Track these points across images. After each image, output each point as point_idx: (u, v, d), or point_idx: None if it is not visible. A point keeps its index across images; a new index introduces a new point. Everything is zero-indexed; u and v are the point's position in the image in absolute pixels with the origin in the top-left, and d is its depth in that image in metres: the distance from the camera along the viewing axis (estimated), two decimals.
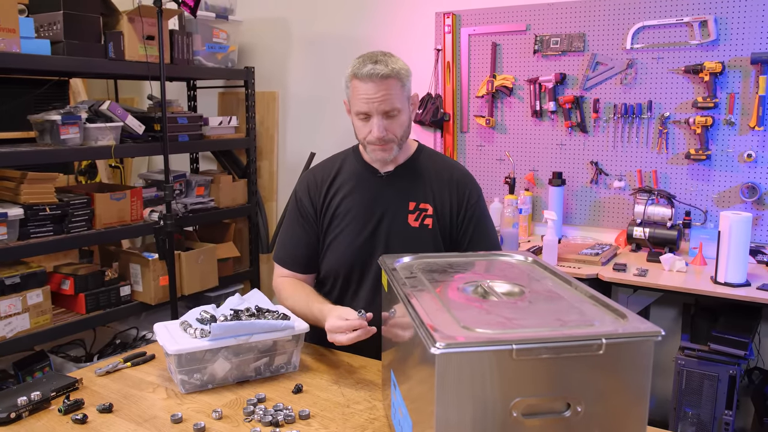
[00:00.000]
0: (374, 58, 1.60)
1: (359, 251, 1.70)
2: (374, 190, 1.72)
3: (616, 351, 0.91)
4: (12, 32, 2.56)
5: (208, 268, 3.44)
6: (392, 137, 1.63)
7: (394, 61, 1.61)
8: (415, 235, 1.69)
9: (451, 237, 1.73)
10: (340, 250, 1.72)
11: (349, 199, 1.73)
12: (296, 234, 1.78)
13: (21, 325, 2.66)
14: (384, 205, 1.71)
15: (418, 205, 1.70)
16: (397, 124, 1.63)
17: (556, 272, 1.24)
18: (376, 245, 1.69)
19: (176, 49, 3.31)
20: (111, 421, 1.32)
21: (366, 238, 1.70)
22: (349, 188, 1.74)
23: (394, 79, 1.59)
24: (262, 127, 4.02)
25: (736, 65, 2.66)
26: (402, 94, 1.61)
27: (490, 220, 1.80)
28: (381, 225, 1.70)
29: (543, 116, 3.11)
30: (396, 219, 1.70)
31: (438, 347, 0.87)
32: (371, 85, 1.58)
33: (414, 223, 1.70)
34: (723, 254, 2.28)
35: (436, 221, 1.70)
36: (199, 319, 1.51)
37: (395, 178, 1.73)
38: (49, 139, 2.82)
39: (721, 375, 2.23)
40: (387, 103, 1.59)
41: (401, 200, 1.71)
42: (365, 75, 1.58)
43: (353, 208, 1.72)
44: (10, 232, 2.63)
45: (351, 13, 3.64)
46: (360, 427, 1.29)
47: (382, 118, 1.61)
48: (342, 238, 1.72)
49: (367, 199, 1.72)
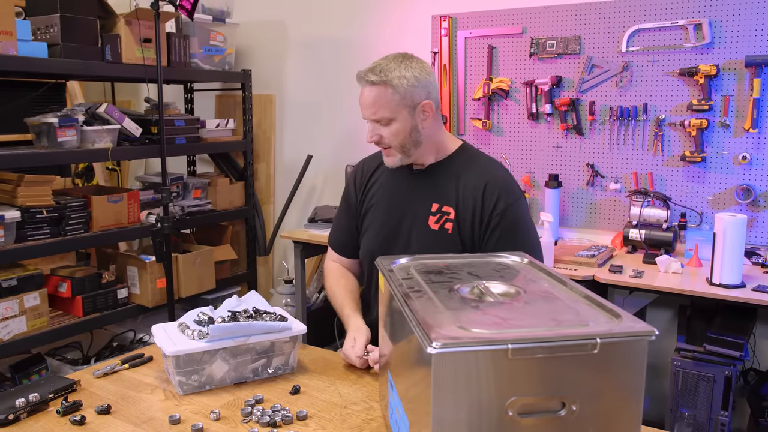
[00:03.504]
0: (377, 63, 1.60)
1: (381, 245, 1.72)
2: (403, 187, 1.73)
3: (611, 350, 0.92)
4: (9, 35, 2.57)
5: (206, 270, 3.44)
6: (388, 143, 1.63)
7: (394, 68, 1.58)
8: (434, 238, 1.66)
9: (473, 244, 1.65)
10: (366, 240, 1.77)
11: (382, 191, 1.76)
12: (342, 221, 1.86)
13: (18, 327, 2.66)
14: (408, 203, 1.71)
15: (441, 207, 1.67)
16: (389, 132, 1.61)
17: (551, 273, 1.25)
18: (396, 242, 1.71)
19: (173, 52, 3.31)
20: (109, 423, 1.32)
21: (388, 233, 1.72)
22: (385, 181, 1.77)
23: (384, 86, 1.57)
24: (259, 129, 4.03)
25: (730, 68, 2.68)
26: (393, 102, 1.58)
27: (524, 232, 1.65)
28: (403, 222, 1.71)
29: (539, 119, 3.12)
30: (417, 219, 1.69)
31: (434, 347, 0.87)
32: (362, 91, 1.61)
33: (434, 226, 1.67)
34: (718, 256, 2.29)
35: (456, 226, 1.65)
36: (197, 320, 1.51)
37: (425, 176, 1.71)
38: (46, 141, 2.82)
39: (717, 376, 2.24)
40: (374, 111, 1.60)
41: (425, 201, 1.69)
42: (359, 78, 1.61)
43: (383, 201, 1.75)
44: (7, 235, 2.63)
45: (348, 16, 3.65)
46: (357, 427, 1.29)
47: (373, 124, 1.63)
48: (370, 229, 1.76)
49: (395, 194, 1.74)
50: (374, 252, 1.70)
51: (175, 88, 4.16)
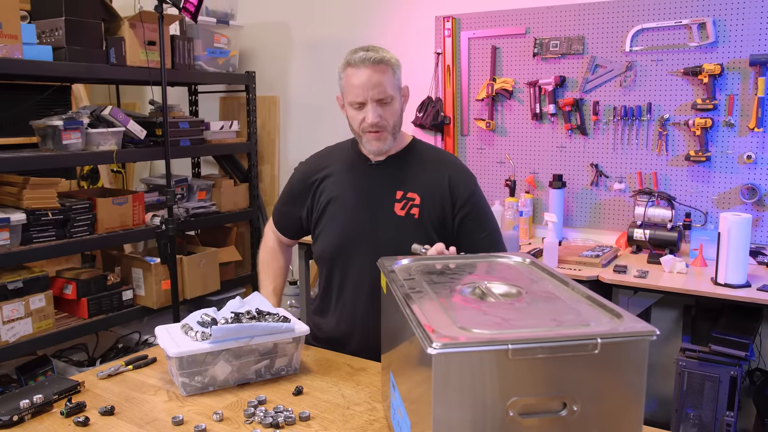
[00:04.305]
0: (365, 47, 1.66)
1: (347, 236, 1.75)
2: (363, 178, 1.77)
3: (612, 350, 0.91)
4: (14, 38, 2.58)
5: (210, 272, 3.45)
6: (385, 124, 1.67)
7: (384, 51, 1.67)
8: (401, 224, 1.71)
9: (444, 228, 1.73)
10: (329, 235, 1.78)
11: (338, 185, 1.79)
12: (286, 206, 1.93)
13: (24, 329, 2.67)
14: (371, 192, 1.75)
15: (406, 194, 1.73)
16: (389, 112, 1.67)
17: (553, 273, 1.25)
18: (362, 231, 1.73)
19: (177, 54, 3.32)
20: (113, 424, 1.32)
21: (353, 224, 1.74)
22: (339, 175, 1.80)
23: (386, 65, 1.64)
24: (263, 131, 4.04)
25: (734, 67, 2.67)
26: (393, 82, 1.66)
27: (488, 211, 1.80)
28: (367, 212, 1.74)
29: (543, 119, 3.12)
30: (382, 207, 1.73)
31: (435, 347, 0.87)
32: (364, 71, 1.63)
33: (400, 212, 1.72)
34: (723, 255, 2.28)
35: (423, 211, 1.72)
36: (200, 322, 1.52)
37: (385, 166, 1.77)
38: (52, 144, 2.83)
39: (722, 376, 2.23)
40: (380, 90, 1.64)
41: (389, 188, 1.74)
42: (358, 61, 1.63)
43: (342, 195, 1.78)
44: (13, 237, 2.65)
45: (352, 17, 3.65)
46: (360, 428, 1.29)
47: (376, 105, 1.65)
48: (331, 224, 1.78)
49: (355, 186, 1.77)
50: (339, 244, 1.75)
51: (179, 91, 4.17)
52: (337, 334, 1.78)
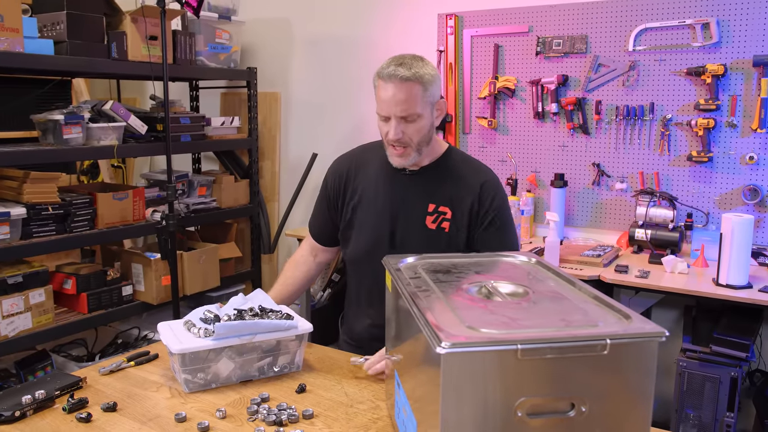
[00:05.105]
0: (400, 60, 1.60)
1: (375, 245, 1.73)
2: (396, 188, 1.74)
3: (621, 351, 0.91)
4: (15, 32, 2.57)
5: (210, 268, 3.44)
6: (408, 141, 1.63)
7: (420, 66, 1.60)
8: (431, 237, 1.70)
9: (468, 242, 1.72)
10: (359, 241, 1.77)
11: (371, 192, 1.77)
12: (321, 210, 1.90)
13: (23, 324, 2.67)
14: (404, 203, 1.73)
15: (438, 207, 1.71)
16: (414, 129, 1.62)
17: (559, 273, 1.24)
18: (391, 241, 1.72)
19: (179, 50, 3.31)
20: (115, 420, 1.32)
21: (383, 233, 1.73)
22: (373, 181, 1.77)
23: (415, 83, 1.58)
24: (264, 127, 4.03)
25: (738, 67, 2.66)
26: (423, 99, 1.61)
27: (511, 229, 1.76)
28: (398, 222, 1.73)
29: (545, 118, 3.11)
30: (413, 219, 1.72)
31: (443, 347, 0.87)
32: (391, 86, 1.59)
33: (431, 225, 1.70)
34: (725, 256, 2.28)
35: (453, 225, 1.70)
36: (203, 318, 1.51)
37: (419, 178, 1.74)
38: (52, 138, 2.82)
39: (723, 377, 2.23)
40: (405, 108, 1.59)
41: (421, 201, 1.72)
42: (386, 75, 1.59)
43: (374, 201, 1.76)
44: (13, 232, 2.64)
45: (354, 14, 3.64)
46: (363, 426, 1.29)
47: (399, 121, 1.61)
48: (361, 229, 1.77)
49: (388, 194, 1.74)
50: (368, 251, 1.73)
51: (180, 86, 4.16)
52: (368, 336, 1.79)
